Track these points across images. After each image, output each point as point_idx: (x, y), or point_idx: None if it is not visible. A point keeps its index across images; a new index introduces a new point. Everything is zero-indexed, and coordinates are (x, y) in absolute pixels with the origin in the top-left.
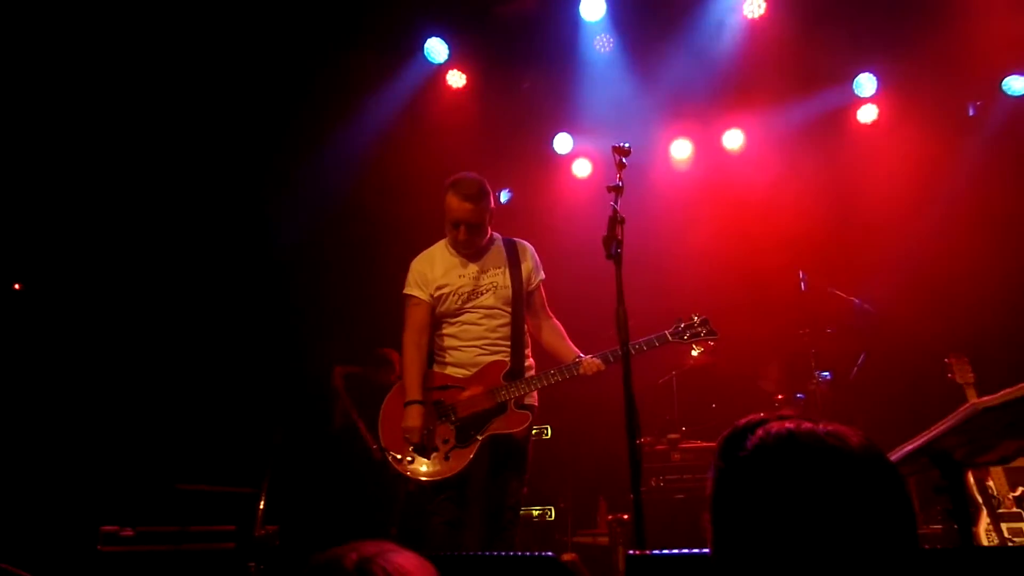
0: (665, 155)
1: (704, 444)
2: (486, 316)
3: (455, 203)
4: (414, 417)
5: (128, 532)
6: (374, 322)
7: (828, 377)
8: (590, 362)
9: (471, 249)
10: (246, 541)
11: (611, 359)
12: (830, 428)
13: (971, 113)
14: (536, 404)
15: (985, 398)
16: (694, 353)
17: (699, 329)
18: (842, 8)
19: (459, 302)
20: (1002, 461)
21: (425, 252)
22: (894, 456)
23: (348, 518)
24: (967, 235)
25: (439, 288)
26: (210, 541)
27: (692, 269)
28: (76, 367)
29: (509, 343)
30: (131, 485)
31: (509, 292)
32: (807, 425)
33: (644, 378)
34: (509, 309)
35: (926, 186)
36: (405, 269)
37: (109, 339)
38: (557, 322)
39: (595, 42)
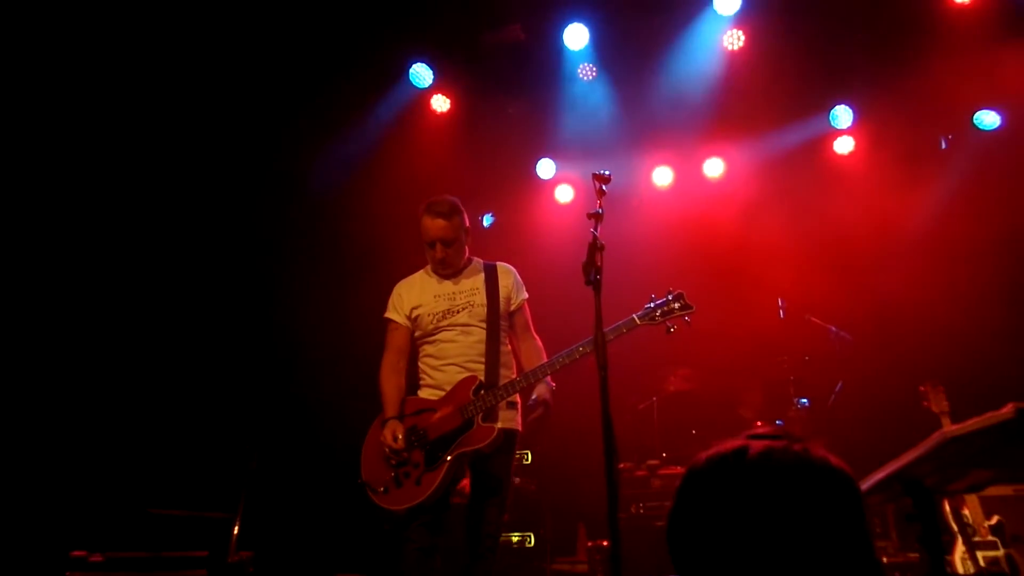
0: (646, 182)
1: (684, 471)
2: (462, 333)
3: (428, 222)
4: (389, 430)
5: (97, 558)
6: (356, 345)
7: (806, 404)
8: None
9: (450, 268)
10: (219, 568)
11: (577, 355)
12: (782, 446)
13: (943, 146)
14: (519, 428)
15: (953, 427)
16: (670, 330)
17: (672, 305)
18: (819, 41)
19: (434, 321)
20: (972, 489)
21: (409, 276)
22: (866, 483)
23: (324, 545)
24: (942, 265)
25: (414, 309)
26: (182, 568)
27: None
28: (46, 386)
29: (484, 359)
30: (101, 509)
31: (485, 310)
32: (761, 445)
33: (625, 404)
34: (485, 326)
35: (901, 216)
36: (388, 293)
37: (81, 357)
38: (539, 342)
39: (579, 70)
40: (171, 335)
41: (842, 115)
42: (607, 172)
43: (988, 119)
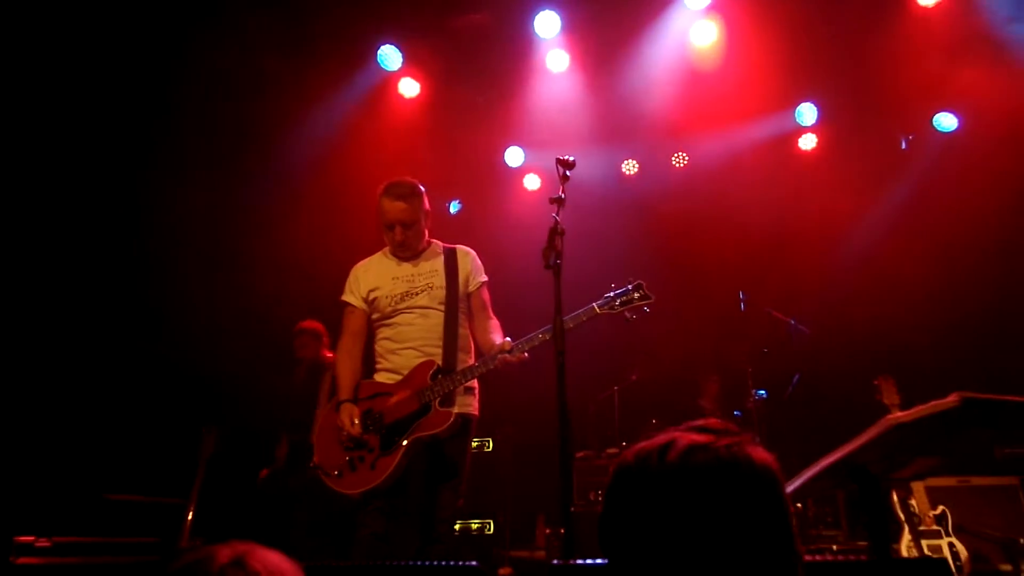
0: (614, 172)
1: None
2: (420, 316)
3: (387, 204)
4: (346, 415)
5: (44, 543)
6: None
7: (764, 395)
8: (509, 352)
9: (409, 251)
10: (171, 554)
11: (537, 341)
12: (705, 442)
13: (904, 146)
14: (476, 414)
15: (899, 414)
16: (629, 319)
17: (632, 295)
18: (786, 40)
19: (392, 303)
20: (916, 477)
21: (367, 259)
22: (814, 469)
23: (279, 531)
24: (898, 261)
25: (371, 291)
26: (133, 553)
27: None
28: None
29: (442, 343)
30: (50, 493)
31: (443, 293)
32: (684, 444)
33: (586, 393)
34: (443, 309)
35: (860, 213)
36: (347, 277)
37: (32, 339)
38: (496, 322)
39: (549, 58)
40: (126, 318)
41: (807, 112)
42: (571, 158)
43: (947, 121)
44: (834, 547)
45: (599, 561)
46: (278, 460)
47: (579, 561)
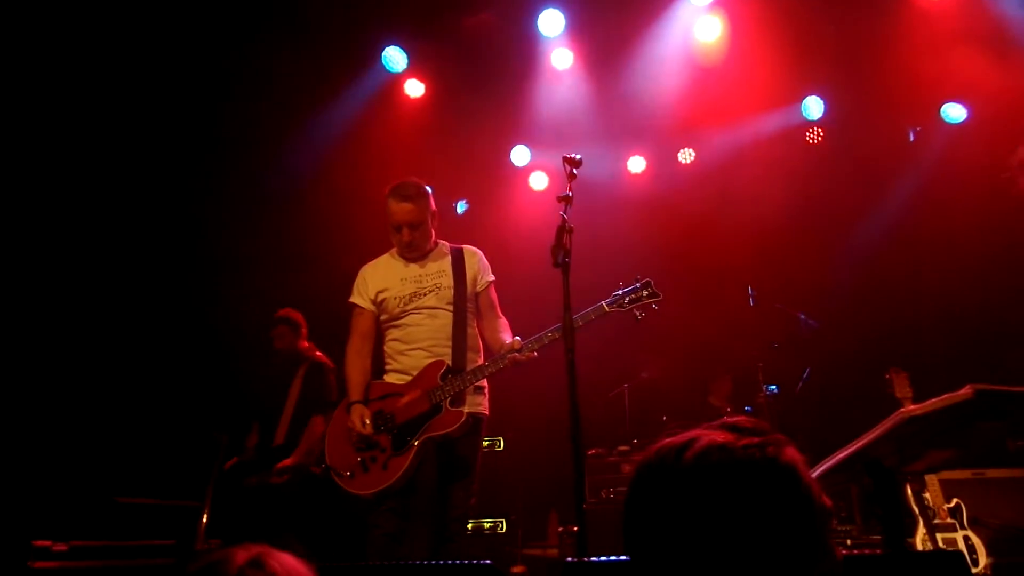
0: (620, 169)
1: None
2: (429, 317)
3: (394, 206)
4: (356, 415)
5: (61, 547)
6: (324, 331)
7: (775, 391)
8: (519, 351)
9: (416, 252)
10: (187, 556)
11: (546, 340)
12: (723, 441)
13: (911, 138)
14: (487, 413)
15: (913, 407)
16: (638, 317)
17: (641, 292)
18: (791, 34)
19: (401, 305)
20: (929, 470)
21: (375, 260)
22: (828, 464)
23: (293, 533)
24: (908, 253)
25: (379, 293)
26: (149, 556)
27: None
28: (7, 376)
29: (451, 343)
30: (66, 497)
31: (452, 293)
32: (704, 442)
33: (597, 390)
34: (452, 309)
35: (869, 206)
36: (354, 278)
37: (45, 343)
38: (504, 321)
39: (553, 57)
40: (142, 322)
41: (813, 106)
42: (578, 156)
43: (955, 112)
44: (848, 541)
45: (612, 558)
46: (247, 451)
47: (593, 559)
